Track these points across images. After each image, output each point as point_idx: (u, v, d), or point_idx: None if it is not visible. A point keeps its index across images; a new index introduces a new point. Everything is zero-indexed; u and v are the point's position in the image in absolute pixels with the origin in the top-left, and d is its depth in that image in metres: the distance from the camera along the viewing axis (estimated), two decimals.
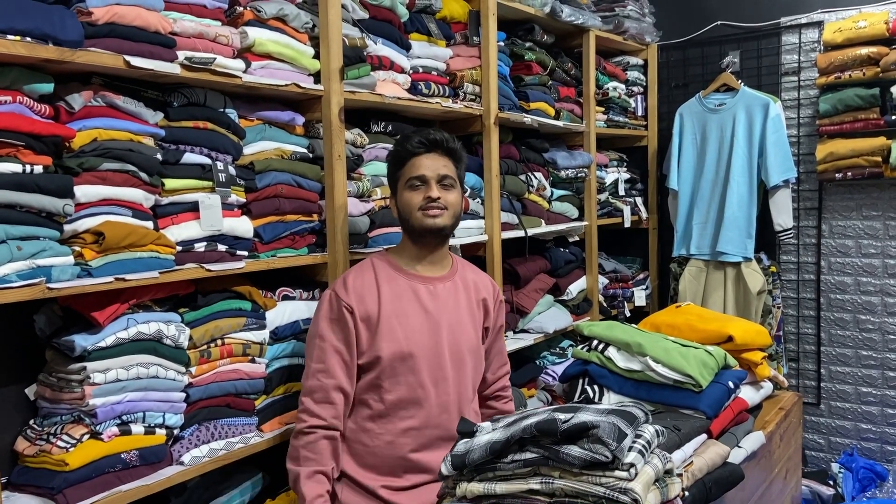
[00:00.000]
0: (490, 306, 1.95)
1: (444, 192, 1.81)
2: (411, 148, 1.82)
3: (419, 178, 1.80)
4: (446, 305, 1.84)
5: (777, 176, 3.28)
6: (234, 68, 1.78)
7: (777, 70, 3.56)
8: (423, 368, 1.79)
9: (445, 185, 1.82)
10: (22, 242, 1.40)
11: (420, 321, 1.80)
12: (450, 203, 1.81)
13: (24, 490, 1.55)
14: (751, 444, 1.82)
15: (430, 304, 1.82)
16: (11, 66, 1.43)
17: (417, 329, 1.79)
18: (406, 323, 1.79)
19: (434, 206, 1.78)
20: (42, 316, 1.60)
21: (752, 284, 3.29)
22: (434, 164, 1.81)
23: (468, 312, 1.89)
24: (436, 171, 1.81)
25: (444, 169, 1.82)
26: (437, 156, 1.82)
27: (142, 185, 1.64)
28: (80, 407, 1.56)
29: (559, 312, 3.13)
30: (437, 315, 1.82)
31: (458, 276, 1.91)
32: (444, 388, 1.81)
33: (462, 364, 1.85)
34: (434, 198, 1.78)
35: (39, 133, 1.44)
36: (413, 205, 1.80)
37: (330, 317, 1.78)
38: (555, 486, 1.31)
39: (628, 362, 1.85)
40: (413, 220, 1.80)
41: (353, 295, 1.78)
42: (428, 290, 1.84)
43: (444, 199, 1.80)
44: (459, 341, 1.85)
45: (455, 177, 1.85)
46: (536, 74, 2.95)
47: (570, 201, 3.26)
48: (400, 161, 1.84)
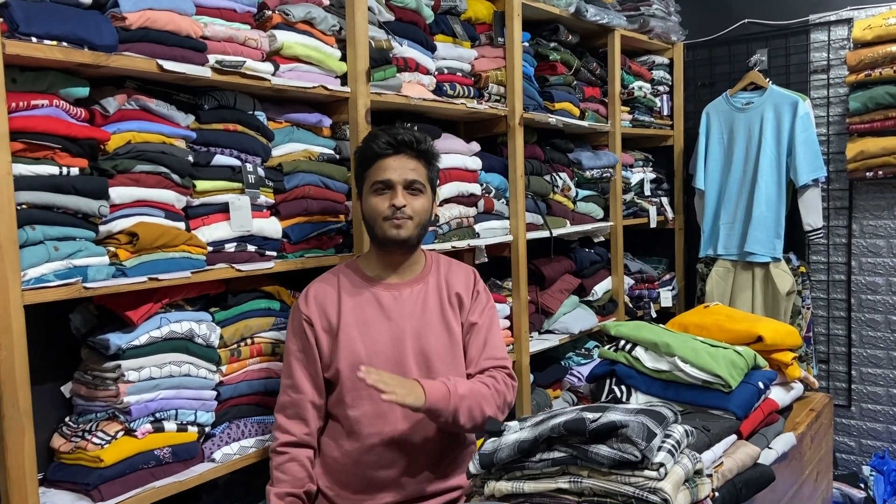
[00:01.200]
0: (465, 299, 1.81)
1: (411, 198, 1.69)
2: (378, 149, 1.69)
3: (384, 182, 1.68)
4: (412, 310, 1.74)
5: (806, 175, 3.24)
6: (263, 71, 1.80)
7: (806, 68, 3.51)
8: None
9: (413, 191, 1.70)
10: (59, 243, 1.44)
11: (381, 330, 1.71)
12: (416, 211, 1.70)
13: (59, 486, 1.58)
14: (781, 446, 1.80)
15: (394, 312, 1.72)
16: (48, 71, 1.46)
17: (379, 339, 1.70)
18: (367, 333, 1.70)
19: (398, 215, 1.67)
20: (78, 315, 1.63)
21: (781, 285, 3.25)
22: (402, 167, 1.69)
23: (439, 314, 1.77)
24: (403, 176, 1.68)
25: (412, 173, 1.70)
26: (406, 158, 1.70)
27: (174, 186, 1.66)
28: (114, 404, 1.59)
29: (584, 313, 3.12)
30: (401, 322, 1.72)
31: (430, 276, 1.80)
32: None
33: (431, 371, 1.72)
34: (399, 206, 1.67)
35: (75, 136, 1.48)
36: (378, 212, 1.69)
37: (293, 330, 1.74)
38: (583, 485, 1.31)
39: (656, 362, 1.84)
40: (377, 229, 1.70)
41: (313, 307, 1.72)
42: (392, 297, 1.74)
43: (410, 206, 1.68)
44: (426, 348, 1.72)
45: (425, 181, 1.73)
46: (561, 74, 2.95)
47: (595, 202, 3.24)
48: (365, 162, 1.72)
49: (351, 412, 1.69)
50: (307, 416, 1.71)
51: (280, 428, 1.71)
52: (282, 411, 1.72)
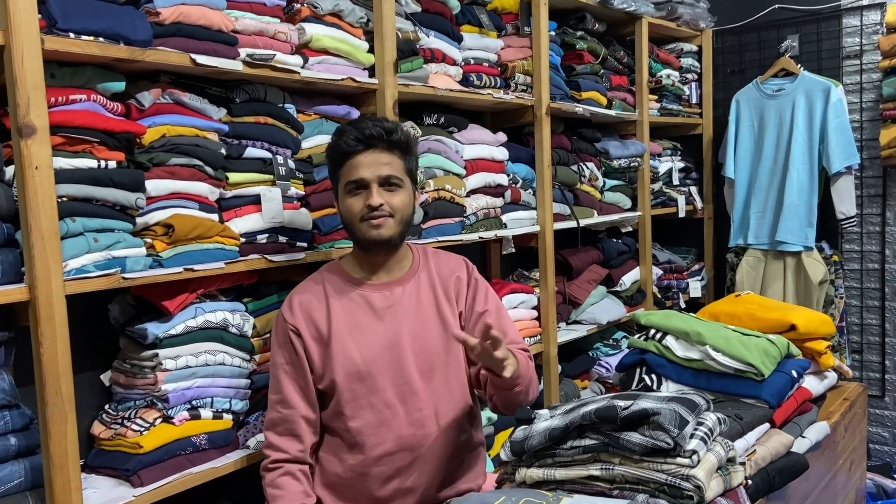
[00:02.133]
0: (461, 289, 1.71)
1: (388, 195, 1.58)
2: (346, 146, 1.57)
3: (357, 181, 1.57)
4: (408, 310, 1.63)
5: (839, 162, 3.19)
6: (293, 64, 1.82)
7: (838, 53, 3.45)
8: (386, 386, 1.59)
9: (390, 187, 1.59)
10: (98, 234, 1.47)
11: (377, 334, 1.60)
12: (395, 208, 1.58)
13: (100, 472, 1.63)
14: (815, 434, 1.79)
15: (387, 313, 1.62)
16: (86, 66, 1.50)
17: (374, 343, 1.59)
18: (361, 339, 1.59)
19: (376, 215, 1.56)
20: (116, 305, 1.67)
21: (814, 274, 3.21)
22: (374, 163, 1.57)
23: (434, 311, 1.66)
24: (376, 173, 1.57)
25: (386, 168, 1.58)
26: (378, 152, 1.58)
27: (207, 179, 1.69)
28: (152, 392, 1.62)
29: (612, 304, 3.11)
30: (396, 323, 1.61)
31: (420, 271, 1.69)
32: (414, 403, 1.60)
33: (433, 372, 1.63)
34: (375, 206, 1.56)
35: (113, 130, 1.51)
36: (354, 213, 1.58)
37: (279, 342, 1.63)
38: (615, 472, 1.31)
39: (687, 351, 1.83)
40: (356, 231, 1.60)
41: (299, 315, 1.61)
42: (384, 298, 1.63)
43: (388, 204, 1.57)
44: (426, 347, 1.63)
45: (402, 174, 1.61)
46: (588, 63, 2.93)
47: (622, 191, 3.23)
48: (336, 161, 1.61)
49: (352, 423, 1.59)
50: (300, 432, 1.59)
51: (271, 446, 1.59)
52: (272, 428, 1.60)
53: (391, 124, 1.61)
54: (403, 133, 1.62)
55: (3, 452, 1.38)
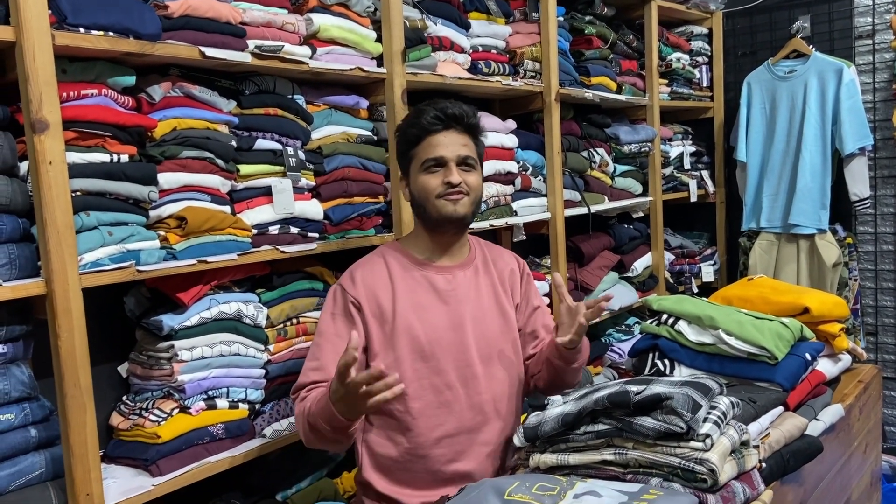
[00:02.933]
0: (515, 282, 1.76)
1: (465, 174, 1.60)
2: (427, 124, 1.59)
3: (437, 159, 1.58)
4: (468, 295, 1.65)
5: (852, 143, 3.15)
6: (301, 55, 1.82)
7: (850, 34, 3.41)
8: (448, 368, 1.59)
9: (466, 167, 1.61)
10: (112, 228, 1.49)
11: (440, 315, 1.61)
12: (472, 187, 1.61)
13: (119, 462, 1.65)
14: (829, 417, 1.78)
15: (451, 296, 1.63)
16: (96, 61, 1.51)
17: (438, 325, 1.60)
18: (425, 319, 1.59)
19: (455, 191, 1.58)
20: (131, 298, 1.69)
21: (827, 257, 3.19)
22: (453, 143, 1.59)
23: (493, 298, 1.70)
24: (455, 152, 1.59)
25: (464, 149, 1.60)
26: (456, 133, 1.61)
27: (219, 171, 1.70)
28: (169, 383, 1.64)
29: (624, 289, 3.10)
30: (460, 307, 1.63)
31: (477, 259, 1.72)
32: (474, 387, 1.61)
33: (492, 358, 1.65)
34: (455, 183, 1.57)
35: (124, 124, 1.52)
36: (430, 190, 1.59)
37: (333, 311, 1.60)
38: (628, 456, 1.32)
39: (700, 336, 1.83)
40: (430, 208, 1.60)
41: (361, 289, 1.60)
42: (446, 281, 1.64)
43: (465, 182, 1.59)
44: (487, 333, 1.65)
45: (476, 156, 1.64)
46: (597, 48, 2.91)
47: (633, 177, 3.21)
48: (413, 139, 1.62)
49: (413, 404, 1.57)
50: None
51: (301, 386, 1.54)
52: (300, 389, 1.56)
53: (469, 109, 1.63)
54: (478, 119, 1.66)
55: (24, 444, 1.40)
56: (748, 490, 1.31)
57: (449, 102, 1.62)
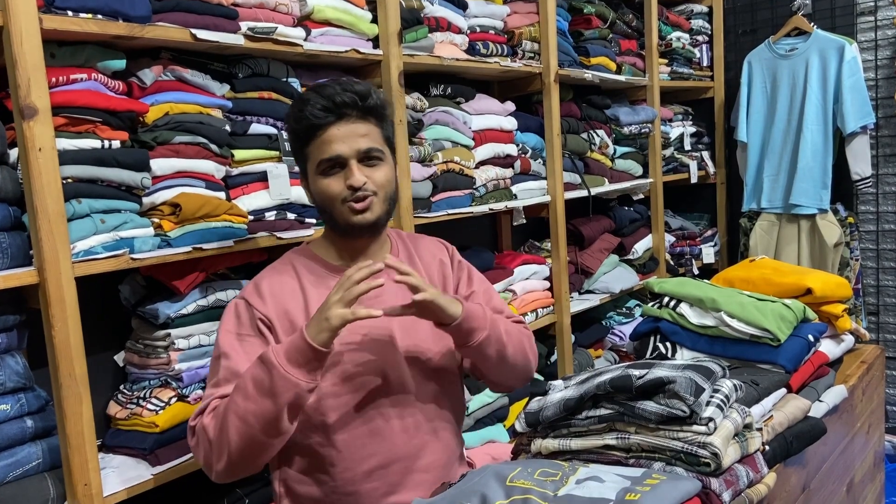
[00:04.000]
0: (447, 274, 1.52)
1: (370, 171, 1.34)
2: (314, 118, 1.32)
3: (333, 159, 1.33)
4: (394, 302, 1.37)
5: (854, 122, 3.13)
6: (295, 36, 1.79)
7: (852, 10, 3.37)
8: (378, 391, 1.38)
9: (371, 161, 1.35)
10: (105, 216, 1.46)
11: (363, 330, 1.37)
12: (379, 185, 1.35)
13: (117, 451, 1.64)
14: (832, 398, 1.77)
15: (373, 304, 1.33)
16: (85, 44, 1.47)
17: (360, 341, 1.37)
18: (346, 336, 1.33)
19: (359, 196, 1.33)
20: (126, 286, 1.67)
21: (829, 237, 3.17)
22: (350, 135, 1.32)
23: None
24: (354, 147, 1.32)
25: (364, 140, 1.33)
26: (353, 122, 1.33)
27: (213, 156, 1.68)
28: (166, 372, 1.63)
29: (625, 272, 3.09)
30: (385, 318, 1.33)
31: (401, 257, 1.48)
32: (408, 408, 1.40)
33: (426, 371, 1.43)
34: (358, 185, 1.32)
35: (115, 109, 1.49)
36: (332, 196, 1.34)
37: (239, 332, 1.34)
38: (631, 441, 1.31)
39: (702, 318, 1.81)
40: (336, 216, 1.36)
41: (270, 304, 1.35)
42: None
43: (371, 181, 1.34)
44: (418, 342, 1.42)
45: (382, 145, 1.37)
46: (596, 28, 2.87)
47: (633, 158, 3.19)
48: (303, 136, 1.35)
49: (338, 435, 1.35)
50: None
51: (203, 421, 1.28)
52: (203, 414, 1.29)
53: (363, 87, 1.35)
54: (378, 96, 1.37)
55: (20, 434, 1.39)
56: (751, 473, 1.30)
57: (338, 84, 1.34)
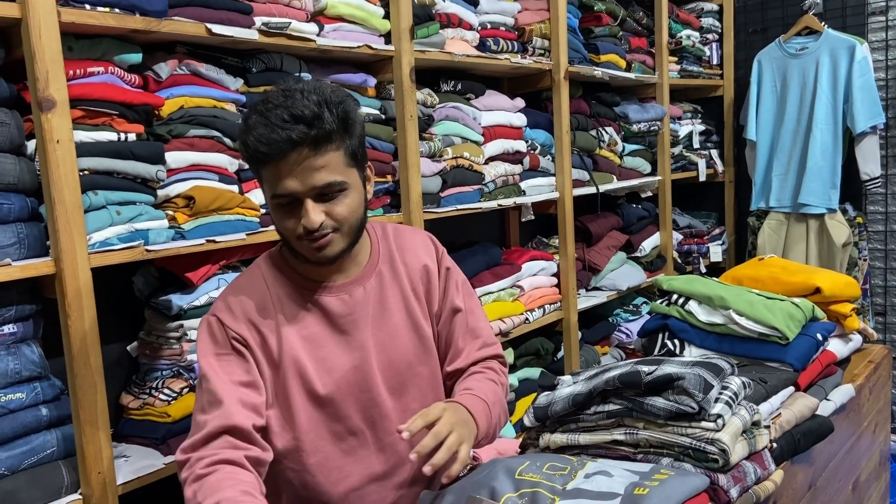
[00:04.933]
0: (432, 283, 1.41)
1: (329, 205, 1.20)
2: (260, 155, 1.16)
3: (287, 195, 1.18)
4: (371, 316, 1.32)
5: (864, 122, 3.12)
6: (309, 32, 1.80)
7: (863, 10, 3.35)
8: (351, 411, 1.31)
9: (330, 196, 1.20)
10: (121, 207, 1.48)
11: (336, 351, 1.30)
12: (341, 219, 1.22)
13: (130, 441, 1.66)
14: (840, 397, 1.77)
15: (348, 323, 1.30)
16: (102, 38, 1.49)
17: (335, 363, 1.30)
18: (318, 356, 1.28)
19: (317, 236, 1.21)
20: (140, 277, 1.69)
21: (837, 237, 3.17)
22: (304, 169, 1.16)
23: (404, 312, 1.37)
24: (309, 183, 1.17)
25: (321, 174, 1.17)
26: (306, 155, 1.15)
27: (226, 150, 1.69)
28: (178, 362, 1.64)
29: (632, 269, 3.09)
30: (360, 335, 1.31)
31: (381, 263, 1.37)
32: (384, 428, 1.34)
33: (405, 389, 1.36)
34: (314, 228, 1.19)
35: (131, 102, 1.51)
36: (289, 230, 1.22)
37: (217, 352, 1.25)
38: (639, 436, 1.31)
39: (710, 316, 1.82)
40: (296, 248, 1.25)
41: (243, 321, 1.26)
42: (342, 303, 1.31)
43: (331, 216, 1.21)
44: (396, 359, 1.34)
45: (342, 174, 1.20)
46: (606, 25, 2.88)
47: (642, 156, 3.19)
48: (253, 161, 1.21)
49: (311, 459, 1.30)
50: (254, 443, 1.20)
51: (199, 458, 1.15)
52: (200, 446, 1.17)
53: (313, 109, 1.14)
54: (335, 113, 1.17)
55: (35, 422, 1.40)
56: (759, 470, 1.31)
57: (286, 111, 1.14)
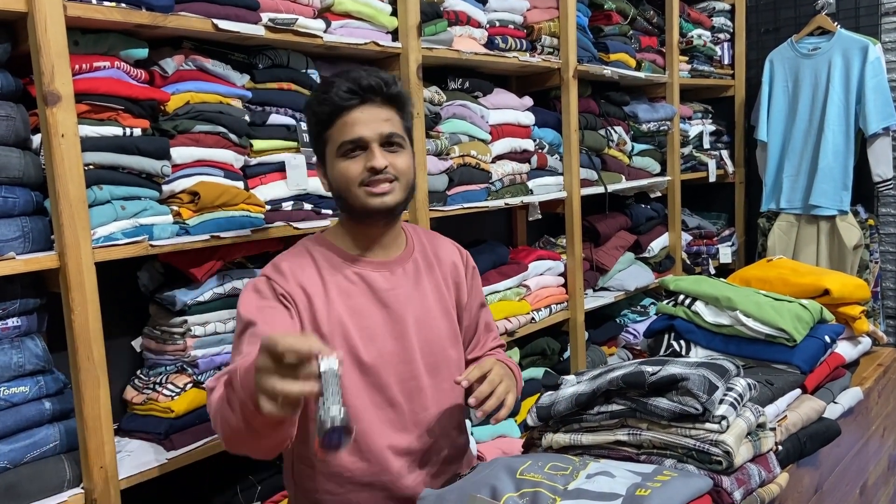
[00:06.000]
0: (461, 276, 1.53)
1: (391, 156, 1.34)
2: (339, 100, 1.31)
3: (355, 141, 1.31)
4: (410, 295, 1.41)
5: (876, 123, 3.09)
6: (316, 28, 1.80)
7: (876, 10, 3.32)
8: (391, 381, 1.37)
9: (392, 147, 1.35)
10: (125, 202, 1.48)
11: (380, 321, 1.37)
12: (400, 171, 1.35)
13: (133, 436, 1.66)
14: (847, 400, 1.75)
15: (391, 297, 1.39)
16: (108, 33, 1.49)
17: (378, 332, 1.37)
18: (363, 326, 1.35)
19: (380, 178, 1.32)
20: (145, 272, 1.69)
21: (848, 239, 3.14)
22: (373, 119, 1.32)
23: (436, 296, 1.47)
24: (377, 130, 1.32)
25: (387, 125, 1.33)
26: (377, 107, 1.33)
27: (232, 146, 1.69)
28: (182, 358, 1.65)
29: (640, 270, 3.08)
30: (401, 309, 1.39)
31: (417, 253, 1.47)
32: (420, 402, 1.41)
33: (439, 368, 1.43)
34: (379, 168, 1.31)
35: (137, 97, 1.51)
36: (351, 178, 1.32)
37: (261, 305, 1.29)
38: (643, 437, 1.30)
39: (717, 317, 1.80)
40: (353, 199, 1.34)
41: (292, 282, 1.33)
42: (384, 279, 1.39)
43: (392, 166, 1.33)
44: (432, 339, 1.43)
45: (403, 133, 1.37)
46: (616, 24, 2.86)
47: (651, 156, 3.17)
48: (325, 119, 1.34)
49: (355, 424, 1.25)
50: None
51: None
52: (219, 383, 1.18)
53: (388, 75, 1.36)
54: (401, 86, 1.39)
55: (39, 416, 1.41)
56: (763, 472, 1.30)
57: (363, 70, 1.34)
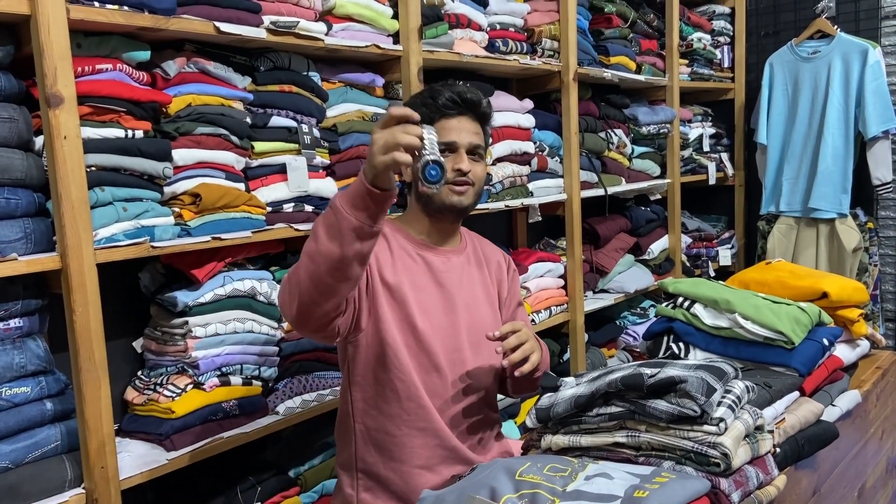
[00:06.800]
0: (504, 276, 1.72)
1: (473, 164, 1.55)
2: (442, 107, 1.54)
3: (448, 144, 1.52)
4: (461, 281, 1.60)
5: (876, 126, 3.10)
6: (317, 31, 1.81)
7: (876, 14, 3.33)
8: (438, 349, 1.52)
9: (475, 157, 1.56)
10: (127, 204, 1.49)
11: (434, 297, 1.55)
12: (478, 178, 1.56)
13: (134, 436, 1.67)
14: (846, 403, 1.76)
15: (445, 279, 1.58)
16: (111, 35, 1.50)
17: (431, 306, 1.54)
18: (419, 297, 1.53)
19: (462, 181, 1.53)
20: (146, 273, 1.70)
21: (847, 242, 3.14)
22: (465, 129, 1.55)
23: (483, 288, 1.65)
24: (468, 140, 1.54)
25: (475, 137, 1.56)
26: (469, 120, 1.56)
27: (233, 148, 1.70)
28: (183, 359, 1.65)
29: (640, 272, 3.08)
30: (453, 291, 1.58)
31: (468, 249, 1.67)
32: (461, 373, 1.56)
33: (480, 349, 1.59)
34: (465, 171, 1.52)
35: (139, 99, 1.52)
36: None
37: None
38: (641, 439, 1.31)
39: (716, 319, 1.81)
40: (434, 194, 1.53)
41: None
42: (442, 263, 1.58)
43: (473, 173, 1.54)
44: (477, 321, 1.60)
45: (484, 147, 1.60)
46: (617, 27, 2.87)
47: (651, 158, 3.18)
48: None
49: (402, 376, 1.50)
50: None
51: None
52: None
53: (482, 96, 1.58)
54: (490, 107, 1.61)
55: (40, 416, 1.41)
56: (761, 475, 1.30)
57: (465, 86, 1.57)
